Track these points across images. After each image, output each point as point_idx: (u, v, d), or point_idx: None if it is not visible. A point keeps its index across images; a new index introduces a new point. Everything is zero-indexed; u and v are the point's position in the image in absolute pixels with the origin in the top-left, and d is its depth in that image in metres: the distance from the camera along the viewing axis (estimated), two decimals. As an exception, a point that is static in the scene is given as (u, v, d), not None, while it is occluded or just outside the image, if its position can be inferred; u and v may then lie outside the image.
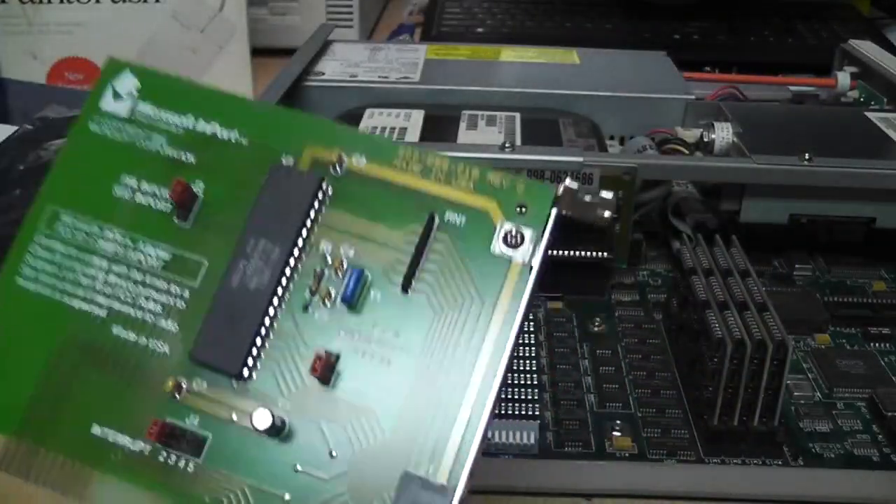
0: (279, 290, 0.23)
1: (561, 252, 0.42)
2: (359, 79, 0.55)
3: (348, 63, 0.58)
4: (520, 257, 0.23)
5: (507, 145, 0.42)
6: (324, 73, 0.56)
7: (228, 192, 0.25)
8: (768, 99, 0.57)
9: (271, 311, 0.23)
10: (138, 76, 0.26)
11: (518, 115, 0.49)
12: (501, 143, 0.42)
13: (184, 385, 0.23)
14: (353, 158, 0.24)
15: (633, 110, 0.54)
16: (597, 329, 0.42)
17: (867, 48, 0.58)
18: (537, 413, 0.35)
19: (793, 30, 0.82)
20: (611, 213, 0.23)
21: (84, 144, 0.26)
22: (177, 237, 0.25)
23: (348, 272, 0.23)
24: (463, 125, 0.48)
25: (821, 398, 0.38)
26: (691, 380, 0.38)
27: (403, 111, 0.50)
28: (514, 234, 0.23)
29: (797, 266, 0.47)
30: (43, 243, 0.25)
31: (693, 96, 0.54)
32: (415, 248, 0.23)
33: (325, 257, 0.24)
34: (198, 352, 0.23)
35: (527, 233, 0.23)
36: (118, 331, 0.24)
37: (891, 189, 0.42)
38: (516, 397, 0.35)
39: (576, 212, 0.23)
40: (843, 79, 0.57)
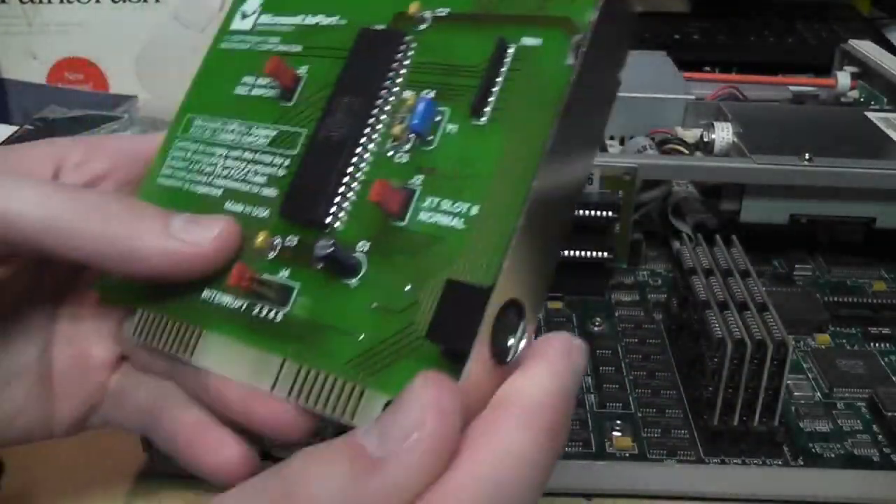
0: (362, 140, 0.24)
1: (561, 252, 0.42)
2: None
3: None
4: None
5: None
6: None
7: (327, 69, 0.26)
8: (768, 99, 0.58)
9: (354, 159, 0.24)
10: None
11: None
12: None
13: (276, 242, 0.25)
14: (436, 11, 0.25)
15: (633, 110, 0.54)
16: (597, 329, 0.42)
17: (867, 48, 0.58)
18: (537, 413, 0.35)
19: (793, 30, 0.82)
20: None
21: (215, 61, 0.30)
22: (282, 115, 0.27)
23: (419, 104, 0.23)
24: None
25: (821, 398, 0.38)
26: (691, 380, 0.38)
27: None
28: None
29: (797, 266, 0.47)
30: (180, 146, 0.29)
31: (693, 96, 0.54)
32: (486, 73, 0.23)
33: (409, 105, 0.24)
34: (287, 206, 0.25)
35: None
36: (229, 205, 0.26)
37: (891, 189, 0.42)
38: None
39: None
40: (843, 79, 0.57)
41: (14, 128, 0.57)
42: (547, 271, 0.22)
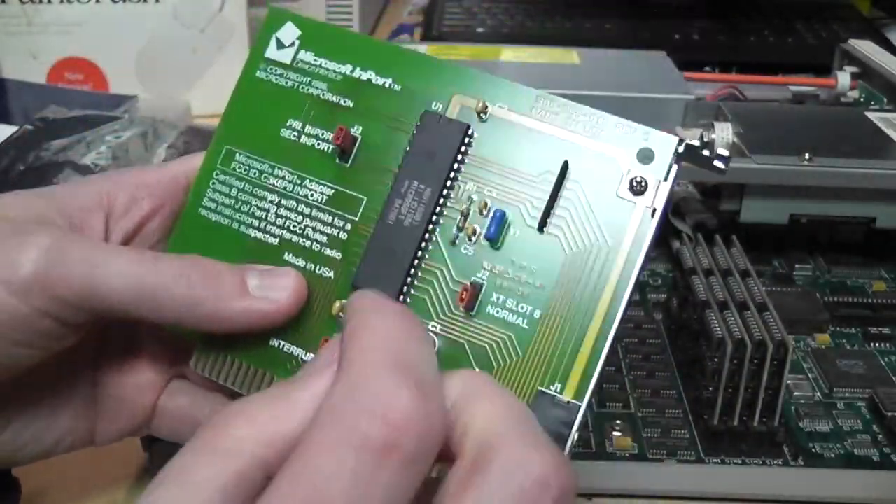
0: (430, 227, 0.26)
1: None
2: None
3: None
4: (643, 202, 0.25)
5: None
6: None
7: (383, 134, 0.27)
8: (768, 99, 0.57)
9: (423, 244, 0.26)
10: (299, 26, 0.29)
11: (518, 115, 0.49)
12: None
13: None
14: (496, 106, 0.27)
15: (633, 110, 0.53)
16: (597, 329, 0.42)
17: (867, 48, 0.58)
18: (537, 413, 0.35)
19: (793, 30, 0.82)
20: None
21: (252, 89, 0.29)
22: (338, 175, 0.28)
23: (492, 212, 0.26)
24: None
25: (821, 398, 0.38)
26: (691, 380, 0.38)
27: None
28: (638, 181, 0.25)
29: (797, 266, 0.47)
30: (221, 179, 0.29)
31: (693, 96, 0.54)
32: (551, 191, 0.26)
33: (471, 197, 0.26)
34: (360, 280, 0.26)
35: (650, 179, 0.25)
36: (289, 257, 0.27)
37: (891, 189, 0.42)
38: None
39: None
40: (843, 79, 0.57)
41: (14, 128, 0.57)
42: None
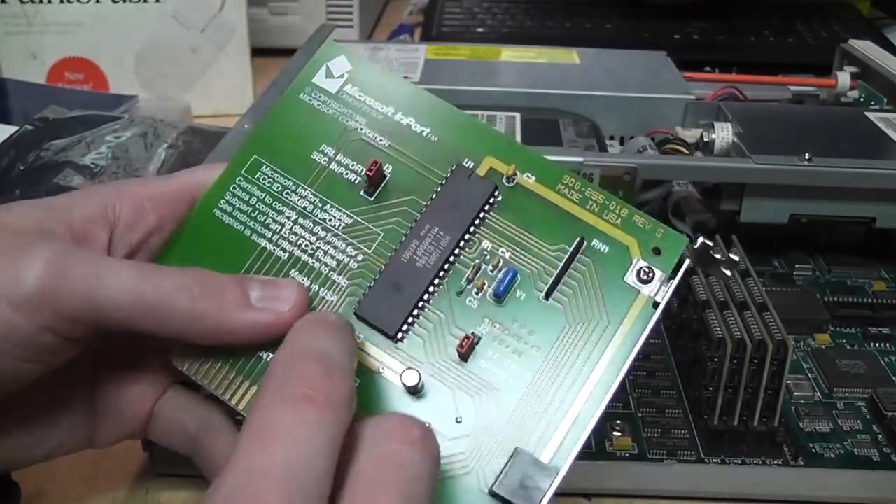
0: (441, 273, 0.27)
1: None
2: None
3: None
4: (647, 291, 0.26)
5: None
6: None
7: (411, 178, 0.28)
8: (768, 99, 0.57)
9: (431, 288, 0.27)
10: (351, 62, 0.30)
11: (518, 115, 0.49)
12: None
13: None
14: (525, 175, 0.28)
15: (633, 110, 0.54)
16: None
17: (867, 48, 0.58)
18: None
19: (793, 30, 0.82)
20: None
21: (292, 110, 0.30)
22: (361, 207, 0.28)
23: (504, 271, 0.27)
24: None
25: (821, 398, 0.38)
26: (691, 380, 0.38)
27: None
28: (646, 271, 0.26)
29: (797, 266, 0.47)
30: (242, 185, 0.29)
31: (693, 96, 0.54)
32: (562, 264, 0.27)
33: (484, 254, 0.27)
34: (363, 309, 0.27)
35: (657, 272, 0.26)
36: (295, 274, 0.28)
37: (891, 189, 0.42)
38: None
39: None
40: (843, 79, 0.57)
41: (14, 128, 0.57)
42: None
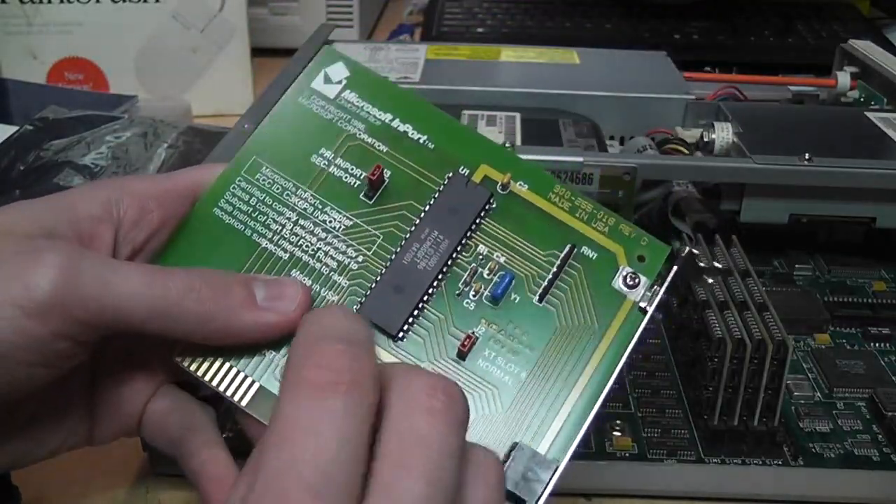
0: (440, 275, 0.28)
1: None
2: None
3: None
4: (633, 296, 0.28)
5: (508, 145, 0.42)
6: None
7: (409, 183, 0.29)
8: (768, 99, 0.57)
9: (431, 290, 0.28)
10: (349, 68, 0.31)
11: (518, 115, 0.49)
12: (501, 143, 0.42)
13: None
14: (518, 183, 0.29)
15: (633, 110, 0.54)
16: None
17: (867, 48, 0.58)
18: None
19: (793, 30, 0.82)
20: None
21: (292, 113, 0.30)
22: (360, 210, 0.29)
23: (501, 274, 0.28)
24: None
25: (821, 398, 0.38)
26: (691, 380, 0.38)
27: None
28: (632, 276, 0.28)
29: (797, 266, 0.47)
30: (242, 186, 0.29)
31: (693, 96, 0.54)
32: (554, 268, 0.28)
33: (480, 258, 0.28)
34: (365, 309, 0.27)
35: (642, 279, 0.28)
36: (296, 274, 0.28)
37: (891, 189, 0.42)
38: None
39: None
40: (843, 79, 0.57)
41: (14, 128, 0.57)
42: None
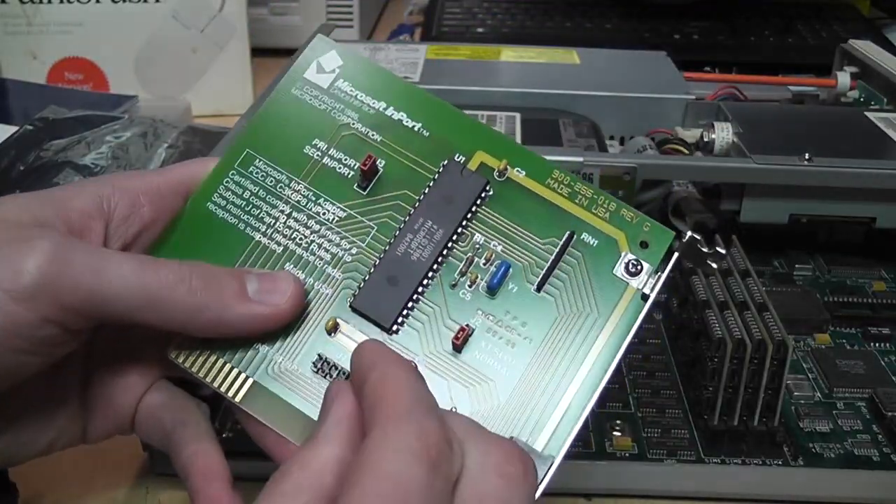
0: (435, 266, 0.27)
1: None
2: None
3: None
4: (635, 283, 0.27)
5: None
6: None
7: (403, 172, 0.29)
8: (768, 99, 0.57)
9: (425, 281, 0.27)
10: (342, 57, 0.30)
11: (518, 115, 0.49)
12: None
13: (340, 326, 0.27)
14: (515, 170, 0.28)
15: (633, 110, 0.54)
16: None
17: (867, 48, 0.58)
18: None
19: (793, 30, 0.82)
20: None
21: (284, 104, 0.30)
22: (354, 201, 0.28)
23: (497, 264, 0.27)
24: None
25: (821, 398, 0.38)
26: (691, 380, 0.38)
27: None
28: (634, 264, 0.27)
29: (797, 266, 0.47)
30: (236, 179, 0.29)
31: (693, 96, 0.54)
32: (553, 256, 0.27)
33: (477, 247, 0.28)
34: (358, 303, 0.27)
35: (645, 265, 0.27)
36: (290, 267, 0.28)
37: (891, 189, 0.42)
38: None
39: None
40: (843, 79, 0.57)
41: (14, 128, 0.57)
42: None
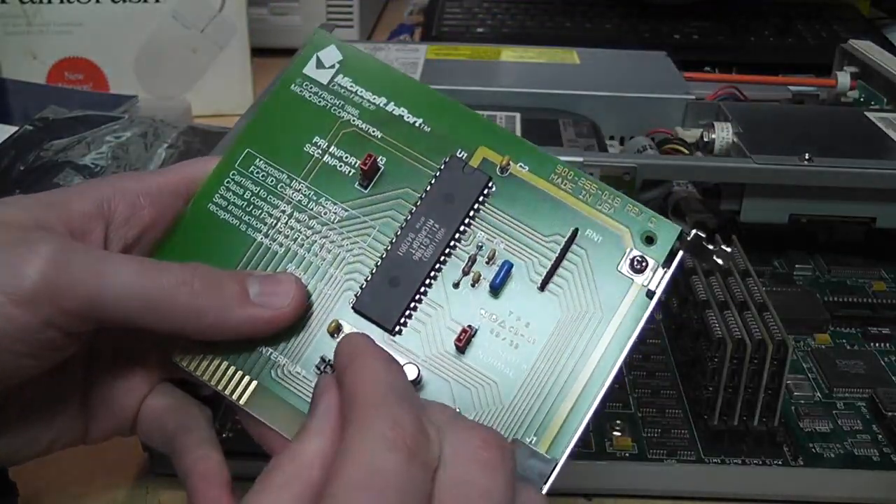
0: (437, 265, 0.27)
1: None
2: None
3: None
4: (640, 280, 0.26)
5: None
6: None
7: (405, 169, 0.28)
8: (768, 99, 0.57)
9: (427, 281, 0.27)
10: (342, 51, 0.30)
11: (518, 115, 0.49)
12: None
13: (342, 328, 0.27)
14: (518, 165, 0.28)
15: (633, 110, 0.54)
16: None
17: (867, 48, 0.58)
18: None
19: (793, 30, 0.82)
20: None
21: (284, 102, 0.29)
22: (355, 200, 0.28)
23: (500, 263, 0.27)
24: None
25: (821, 398, 0.38)
26: (691, 380, 0.38)
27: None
28: (639, 260, 0.27)
29: (797, 266, 0.47)
30: (237, 180, 0.29)
31: (693, 96, 0.54)
32: (557, 254, 0.27)
33: (479, 246, 0.27)
34: (360, 304, 0.27)
35: (650, 261, 0.27)
36: (292, 268, 0.28)
37: (891, 189, 0.42)
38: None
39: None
40: (843, 79, 0.57)
41: (14, 128, 0.57)
42: None
